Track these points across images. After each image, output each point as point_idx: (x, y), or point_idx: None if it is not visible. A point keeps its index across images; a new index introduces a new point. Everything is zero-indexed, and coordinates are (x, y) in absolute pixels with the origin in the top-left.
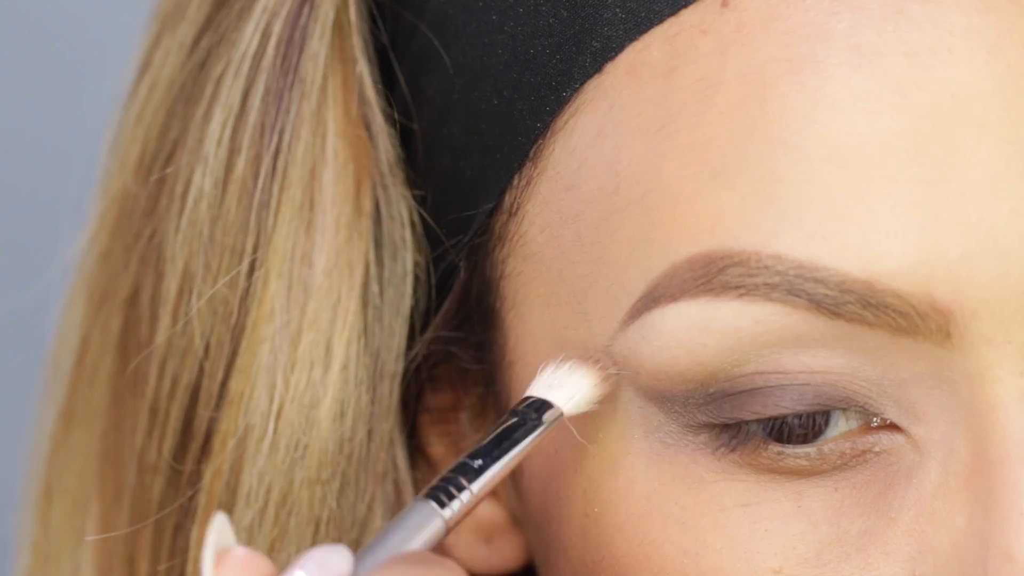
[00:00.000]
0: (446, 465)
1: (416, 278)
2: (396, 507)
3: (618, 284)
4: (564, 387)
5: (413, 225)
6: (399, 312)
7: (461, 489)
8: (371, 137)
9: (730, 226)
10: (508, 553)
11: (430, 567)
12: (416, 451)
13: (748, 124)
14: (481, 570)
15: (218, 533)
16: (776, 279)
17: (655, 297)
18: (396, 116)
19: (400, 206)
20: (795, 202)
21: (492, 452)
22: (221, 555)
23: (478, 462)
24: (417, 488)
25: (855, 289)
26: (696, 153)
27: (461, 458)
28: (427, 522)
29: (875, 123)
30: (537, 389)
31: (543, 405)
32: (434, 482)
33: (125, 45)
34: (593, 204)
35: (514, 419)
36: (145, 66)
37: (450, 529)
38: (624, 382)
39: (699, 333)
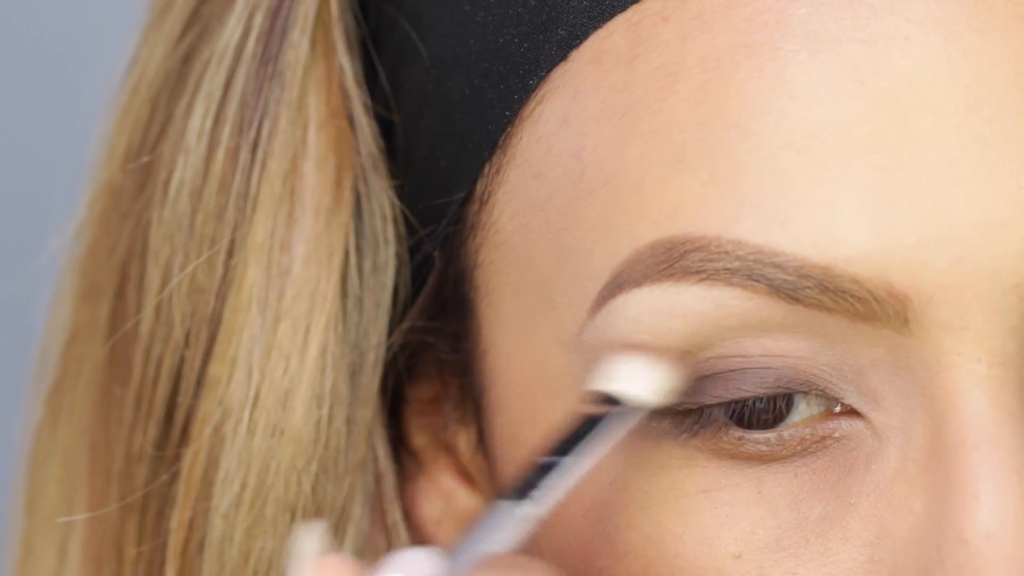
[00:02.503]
0: (432, 457)
1: (397, 270)
2: (375, 497)
3: (584, 272)
4: (638, 379)
5: (395, 218)
6: (379, 303)
7: (546, 487)
8: (352, 129)
9: (691, 212)
10: None
11: (522, 570)
12: (398, 442)
13: (708, 110)
14: None
15: (305, 543)
16: (736, 264)
17: (619, 283)
18: (376, 109)
19: (382, 198)
20: (754, 188)
21: (575, 448)
22: (317, 563)
23: (555, 459)
24: (399, 478)
25: (813, 274)
26: (658, 140)
27: (545, 457)
28: (515, 522)
29: (832, 110)
30: (608, 382)
31: (616, 399)
32: (520, 481)
33: (114, 41)
34: (559, 191)
35: (593, 414)
36: (135, 59)
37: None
38: (592, 369)
39: (664, 318)
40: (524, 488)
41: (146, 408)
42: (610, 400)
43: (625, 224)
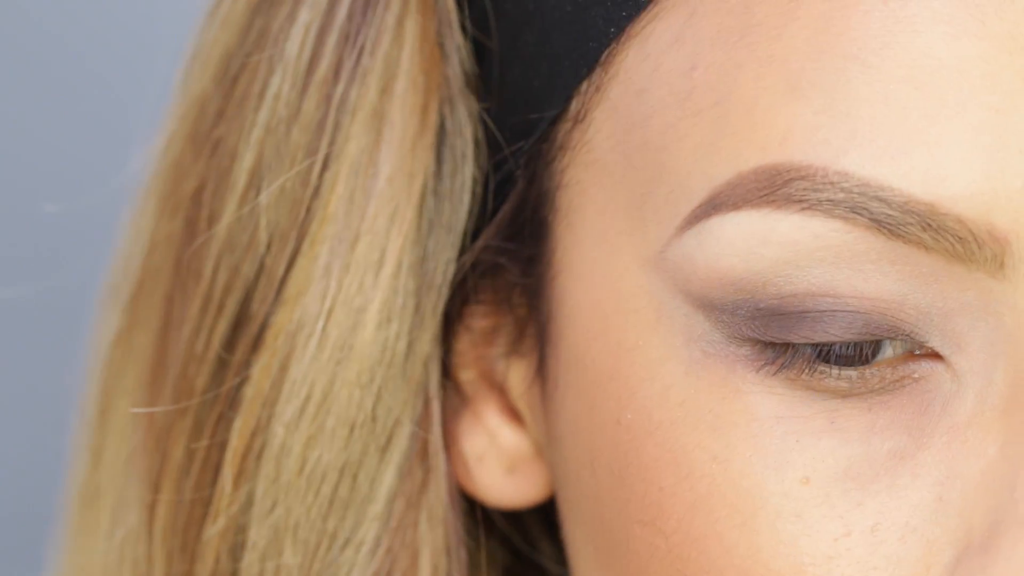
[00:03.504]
0: (478, 391)
1: (473, 194)
2: (422, 421)
3: (680, 190)
4: None
5: (477, 142)
6: (452, 226)
7: None
8: (445, 53)
9: (800, 140)
10: (530, 483)
11: None
12: (447, 372)
13: (828, 40)
14: (502, 501)
15: None
16: (840, 196)
17: (716, 204)
18: (474, 33)
19: (466, 122)
20: (867, 120)
21: None
22: None
23: None
24: (450, 405)
25: (917, 211)
26: (774, 65)
27: None
28: None
29: (953, 47)
30: None
31: None
32: None
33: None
34: (663, 109)
35: None
36: None
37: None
38: (672, 288)
39: (757, 243)
40: None
41: (214, 311)
42: None
43: (731, 147)
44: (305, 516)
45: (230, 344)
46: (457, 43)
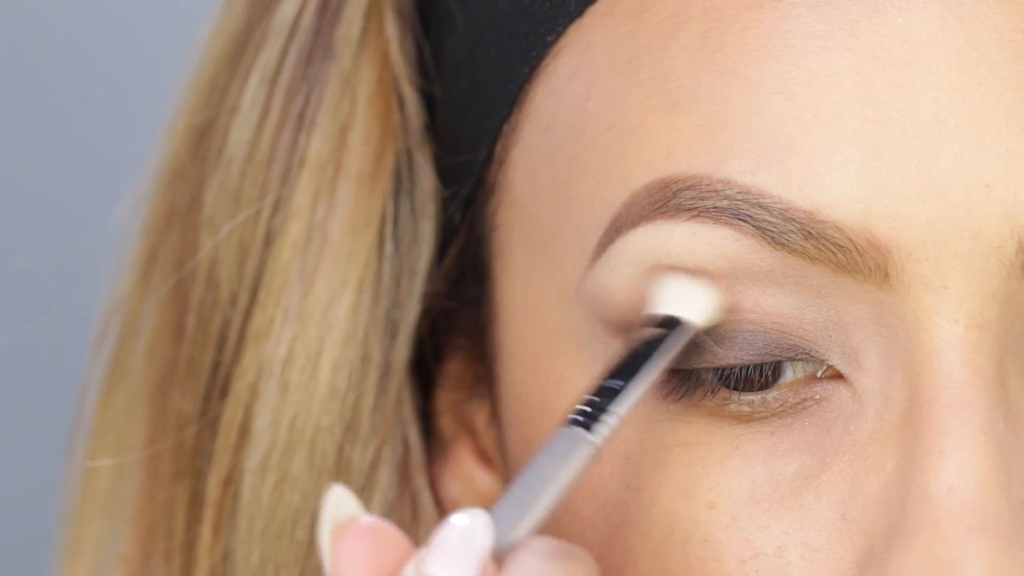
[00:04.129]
0: (456, 437)
1: (435, 244)
2: (402, 466)
3: (586, 221)
4: (688, 300)
5: (436, 192)
6: (414, 273)
7: (606, 412)
8: (399, 103)
9: (683, 152)
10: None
11: (567, 561)
12: (427, 419)
13: (706, 57)
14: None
15: (335, 505)
16: (724, 203)
17: (617, 228)
18: (421, 84)
19: (424, 172)
20: (745, 131)
21: (630, 372)
22: (343, 527)
23: (618, 383)
24: (426, 449)
25: (797, 218)
26: (657, 85)
27: (601, 381)
28: (578, 451)
29: (825, 60)
30: (660, 306)
31: (670, 321)
32: (576, 407)
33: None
34: (565, 143)
35: (645, 337)
36: (206, 36)
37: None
38: (592, 319)
39: (660, 255)
40: (584, 413)
41: (195, 369)
42: (664, 323)
43: (623, 169)
44: (284, 561)
45: (207, 397)
46: (409, 94)
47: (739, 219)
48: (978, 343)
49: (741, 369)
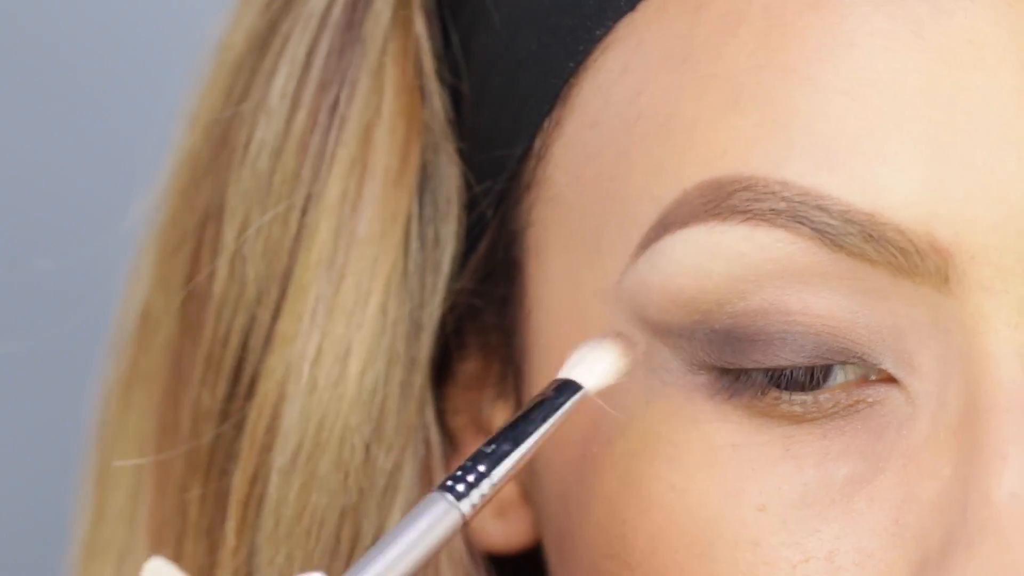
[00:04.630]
0: (465, 437)
1: (459, 237)
2: (424, 464)
3: (632, 217)
4: (585, 363)
5: (461, 188)
6: (439, 269)
7: (480, 478)
8: (425, 97)
9: (741, 152)
10: (519, 527)
11: None
12: (441, 418)
13: (767, 55)
14: (495, 546)
15: None
16: (782, 205)
17: (666, 225)
18: (449, 79)
19: (450, 168)
20: (806, 131)
21: (512, 437)
22: None
23: (497, 448)
24: (445, 451)
25: (858, 220)
26: (715, 83)
27: (480, 446)
28: (442, 518)
29: (891, 61)
30: (562, 370)
31: (565, 384)
32: (452, 473)
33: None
34: (614, 139)
35: (535, 402)
36: (224, 30)
37: (469, 520)
38: (632, 318)
39: (706, 259)
40: (457, 479)
41: (215, 366)
42: (555, 386)
43: (675, 166)
44: (310, 561)
45: (230, 396)
46: (436, 89)
47: (797, 221)
48: None
49: (791, 370)
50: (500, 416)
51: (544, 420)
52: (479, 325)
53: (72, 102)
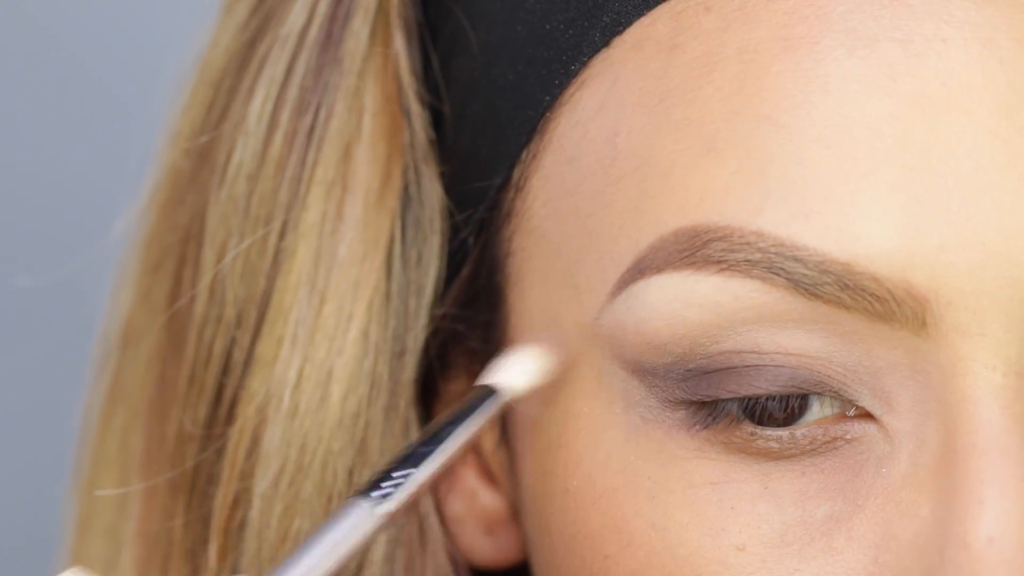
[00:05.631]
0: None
1: (442, 260)
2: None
3: (608, 256)
4: (508, 369)
5: (443, 210)
6: (422, 292)
7: (396, 479)
8: (405, 118)
9: (717, 200)
10: (507, 545)
11: None
12: None
13: (742, 101)
14: (484, 561)
15: None
16: (757, 256)
17: (641, 268)
18: (429, 99)
19: (431, 189)
20: (781, 180)
21: (432, 439)
22: None
23: (417, 451)
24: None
25: (833, 270)
26: (691, 128)
27: (400, 449)
28: (359, 520)
29: (864, 107)
30: (485, 376)
31: (487, 390)
32: (371, 476)
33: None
34: (591, 176)
35: (458, 407)
36: (204, 46)
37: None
38: (609, 355)
39: (681, 306)
40: (375, 482)
41: (197, 388)
42: (479, 392)
43: (652, 210)
44: None
45: (211, 420)
46: (416, 109)
47: (772, 272)
48: (1017, 390)
49: (767, 400)
50: (486, 439)
51: (463, 424)
52: (464, 348)
53: (60, 112)
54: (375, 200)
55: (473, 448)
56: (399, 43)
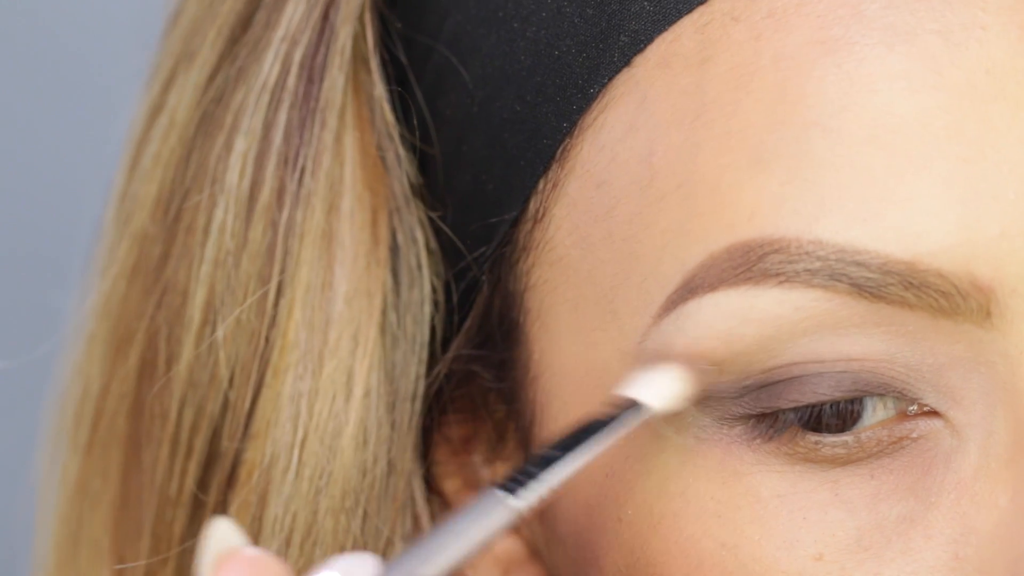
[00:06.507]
0: (460, 500)
1: (435, 303)
2: (412, 538)
3: (652, 278)
4: (653, 385)
5: (430, 250)
6: (417, 338)
7: (535, 479)
8: (387, 164)
9: (769, 213)
10: None
11: None
12: (430, 485)
13: (785, 109)
14: None
15: (218, 538)
16: (817, 264)
17: (692, 288)
18: (413, 141)
19: (416, 232)
20: (835, 186)
21: (571, 444)
22: (226, 556)
23: (556, 453)
24: (434, 521)
25: (897, 270)
26: (733, 141)
27: (539, 449)
28: (496, 512)
29: (913, 103)
30: (626, 389)
31: (629, 403)
32: (509, 473)
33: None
34: (625, 199)
35: (597, 416)
36: (158, 108)
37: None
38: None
39: (738, 323)
40: (513, 479)
41: (183, 452)
42: (618, 404)
43: (700, 228)
44: None
45: (203, 484)
46: (398, 153)
47: (834, 279)
48: None
49: (823, 407)
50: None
51: (608, 434)
52: (472, 390)
53: (59, 112)
54: (365, 252)
55: (478, 488)
56: (379, 88)
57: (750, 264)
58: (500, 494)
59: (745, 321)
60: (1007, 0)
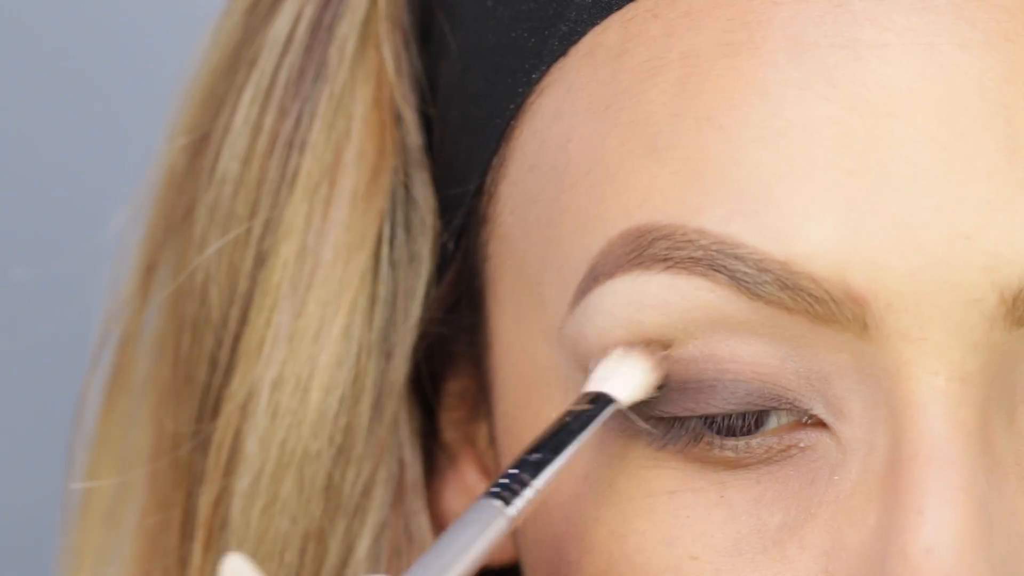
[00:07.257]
0: (460, 451)
1: (434, 262)
2: (398, 486)
3: (567, 265)
4: (616, 377)
5: (435, 211)
6: (412, 293)
7: (524, 485)
8: (396, 122)
9: (659, 200)
10: (504, 542)
11: None
12: (433, 436)
13: (683, 103)
14: None
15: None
16: (699, 253)
17: (595, 276)
18: (419, 103)
19: (422, 191)
20: (720, 180)
21: (550, 446)
22: None
23: (537, 456)
24: (429, 471)
25: (772, 269)
26: (635, 130)
27: (520, 455)
28: (491, 521)
29: (802, 110)
30: (592, 383)
31: (598, 397)
32: (496, 480)
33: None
34: (548, 184)
35: (570, 412)
36: (204, 47)
37: (514, 524)
38: (573, 363)
39: (634, 309)
40: (501, 486)
41: (187, 385)
42: (589, 398)
43: (600, 215)
44: None
45: (199, 417)
46: (407, 113)
47: (714, 270)
48: (960, 396)
49: (724, 417)
50: (481, 435)
51: (581, 431)
52: (450, 351)
53: (56, 107)
54: (362, 201)
55: (472, 444)
56: (389, 47)
57: (641, 249)
58: (496, 504)
59: (640, 307)
60: (913, 22)
